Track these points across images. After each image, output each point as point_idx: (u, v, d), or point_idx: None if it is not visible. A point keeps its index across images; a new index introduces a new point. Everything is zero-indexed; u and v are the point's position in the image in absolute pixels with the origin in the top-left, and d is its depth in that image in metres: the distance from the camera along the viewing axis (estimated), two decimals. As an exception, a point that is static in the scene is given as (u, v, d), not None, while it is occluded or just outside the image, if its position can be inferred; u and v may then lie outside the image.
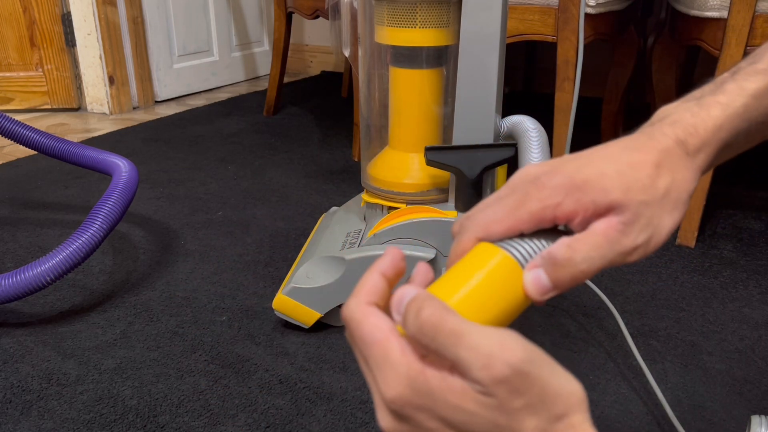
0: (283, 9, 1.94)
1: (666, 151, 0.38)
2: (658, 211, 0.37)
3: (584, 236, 0.37)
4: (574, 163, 0.38)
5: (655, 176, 0.37)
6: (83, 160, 1.17)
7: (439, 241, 0.88)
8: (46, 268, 0.88)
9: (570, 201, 0.36)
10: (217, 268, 1.11)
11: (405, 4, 0.84)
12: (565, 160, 0.38)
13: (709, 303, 1.00)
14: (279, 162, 1.65)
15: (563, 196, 0.36)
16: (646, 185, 0.37)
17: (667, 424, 0.74)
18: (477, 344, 0.31)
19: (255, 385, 0.81)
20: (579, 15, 1.17)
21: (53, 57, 2.12)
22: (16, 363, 0.86)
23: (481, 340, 0.31)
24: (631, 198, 0.36)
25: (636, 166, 0.37)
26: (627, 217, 0.37)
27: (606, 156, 0.38)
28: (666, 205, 0.38)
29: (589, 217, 0.37)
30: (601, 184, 0.36)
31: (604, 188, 0.36)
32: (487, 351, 0.31)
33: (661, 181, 0.37)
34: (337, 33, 1.22)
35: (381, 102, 0.97)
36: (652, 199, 0.37)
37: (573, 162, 0.38)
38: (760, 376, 0.83)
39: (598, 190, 0.36)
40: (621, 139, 0.40)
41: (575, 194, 0.36)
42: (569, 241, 0.36)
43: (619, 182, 0.37)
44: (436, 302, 0.33)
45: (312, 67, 2.87)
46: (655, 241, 0.38)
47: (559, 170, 0.37)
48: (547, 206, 0.37)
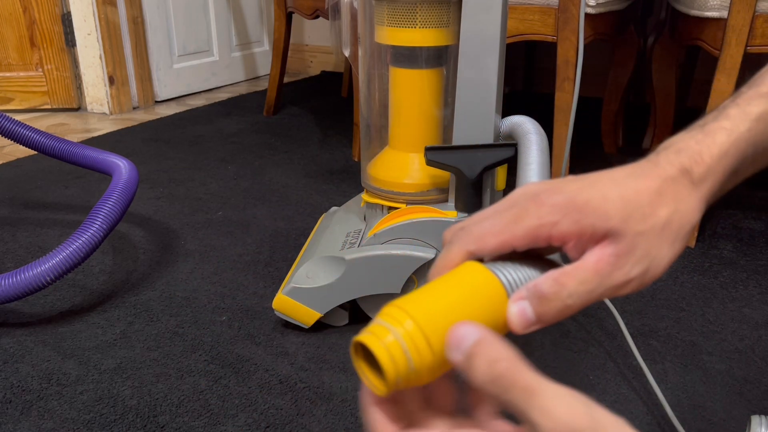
0: (283, 9, 1.94)
1: (670, 179, 0.37)
2: (656, 243, 0.36)
3: (573, 270, 0.36)
4: (577, 184, 0.37)
5: (657, 204, 0.36)
6: (83, 160, 1.17)
7: (439, 241, 0.88)
8: (46, 268, 0.88)
9: (568, 221, 0.35)
10: (217, 268, 1.11)
11: (405, 4, 0.84)
12: (569, 180, 0.38)
13: (709, 303, 1.00)
14: (279, 162, 1.65)
15: (562, 215, 0.35)
16: (647, 214, 0.36)
17: (667, 424, 0.74)
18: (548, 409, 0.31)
19: (255, 385, 0.81)
20: (579, 15, 1.17)
21: (53, 57, 2.12)
22: (16, 363, 0.86)
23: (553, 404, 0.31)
24: (629, 227, 0.35)
25: (639, 192, 0.36)
26: (622, 247, 0.35)
27: (610, 180, 0.37)
28: (666, 237, 0.36)
29: (585, 241, 0.36)
30: (603, 208, 0.35)
31: (605, 212, 0.35)
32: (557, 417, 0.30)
33: (662, 211, 0.36)
34: (337, 33, 1.22)
35: (381, 102, 0.97)
36: (651, 230, 0.36)
37: (576, 183, 0.37)
38: (760, 376, 0.83)
39: (599, 214, 0.35)
40: (626, 166, 0.39)
41: (574, 215, 0.35)
42: (557, 275, 0.35)
43: (621, 208, 0.35)
44: (509, 353, 0.32)
45: (312, 67, 2.87)
46: (651, 274, 0.36)
47: (560, 189, 0.36)
48: (544, 224, 0.35)
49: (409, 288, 0.89)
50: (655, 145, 1.62)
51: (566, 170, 1.14)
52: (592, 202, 0.35)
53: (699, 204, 0.38)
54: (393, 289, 0.88)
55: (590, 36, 1.27)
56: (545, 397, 0.31)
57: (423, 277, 0.89)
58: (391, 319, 0.34)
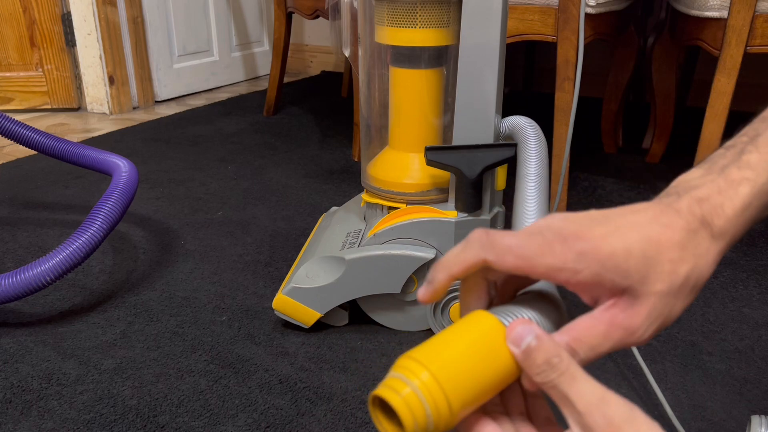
0: (283, 9, 1.94)
1: (692, 232, 0.37)
2: (673, 301, 0.37)
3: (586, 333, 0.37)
4: (601, 229, 0.37)
5: (678, 262, 0.36)
6: (83, 160, 1.17)
7: (439, 241, 0.88)
8: (46, 268, 0.88)
9: (589, 273, 0.36)
10: (217, 268, 1.11)
11: (405, 4, 0.84)
12: (593, 221, 0.37)
13: (709, 303, 1.00)
14: (279, 162, 1.65)
15: (584, 266, 0.35)
16: (668, 271, 0.36)
17: (667, 424, 0.74)
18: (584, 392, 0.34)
19: (255, 385, 0.81)
20: (579, 15, 1.17)
21: (53, 57, 2.12)
22: (16, 363, 0.86)
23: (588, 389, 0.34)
24: (648, 288, 0.36)
25: (661, 245, 0.36)
26: (638, 308, 0.36)
27: (633, 227, 0.37)
28: (682, 293, 0.37)
29: (601, 292, 0.37)
30: (624, 266, 0.36)
31: (626, 270, 0.36)
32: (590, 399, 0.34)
33: (682, 269, 0.36)
34: (337, 33, 1.22)
35: (381, 102, 0.97)
36: (669, 289, 0.36)
37: (601, 227, 0.37)
38: (760, 376, 0.83)
39: (621, 271, 0.36)
40: (649, 207, 0.38)
41: (596, 268, 0.36)
42: (570, 340, 0.37)
43: (642, 266, 0.36)
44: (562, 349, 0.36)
45: (312, 67, 2.87)
46: (662, 327, 0.37)
47: (586, 235, 0.36)
48: (567, 270, 0.36)
49: (409, 288, 0.89)
50: (655, 145, 1.62)
51: (566, 170, 1.14)
52: (615, 258, 0.36)
53: (716, 258, 0.38)
54: (393, 289, 0.88)
55: (590, 36, 1.27)
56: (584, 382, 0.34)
57: (423, 277, 0.89)
58: (407, 371, 0.35)
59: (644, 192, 1.44)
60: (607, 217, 0.38)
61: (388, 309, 0.92)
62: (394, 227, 0.88)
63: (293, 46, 2.82)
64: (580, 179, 1.51)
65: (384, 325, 0.93)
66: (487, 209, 0.88)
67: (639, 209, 0.38)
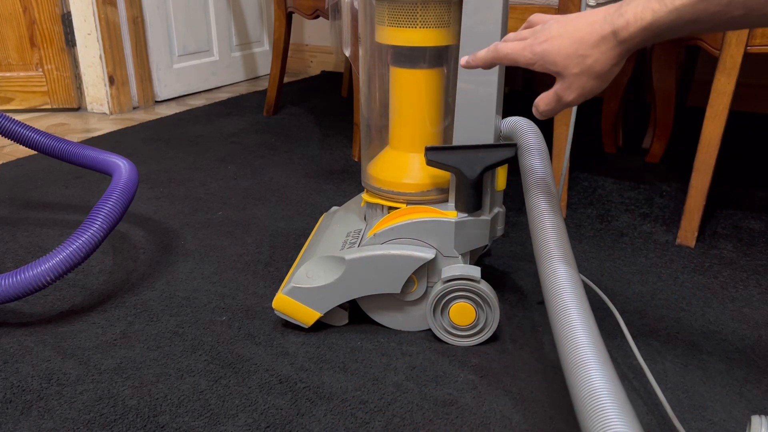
0: (283, 9, 1.94)
1: (603, 38, 0.60)
2: (584, 79, 0.63)
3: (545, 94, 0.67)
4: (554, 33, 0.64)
5: (588, 56, 0.61)
6: (83, 160, 1.18)
7: (439, 241, 0.88)
8: (46, 268, 0.88)
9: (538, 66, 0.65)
10: (217, 268, 1.11)
11: (406, 4, 0.84)
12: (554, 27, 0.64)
13: (709, 303, 1.00)
14: (279, 162, 1.65)
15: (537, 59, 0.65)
16: (579, 63, 0.62)
17: (667, 424, 0.74)
18: None
19: (255, 385, 0.81)
20: (579, 15, 1.17)
21: (53, 57, 2.12)
22: (16, 363, 0.86)
23: None
24: (569, 72, 0.63)
25: (581, 44, 0.61)
26: (564, 82, 0.64)
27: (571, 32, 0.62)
28: (589, 76, 0.62)
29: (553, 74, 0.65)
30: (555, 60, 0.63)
31: (556, 63, 0.63)
32: None
33: (589, 60, 0.61)
34: (338, 33, 1.22)
35: (381, 102, 0.97)
36: (581, 72, 0.62)
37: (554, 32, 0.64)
38: (760, 376, 0.83)
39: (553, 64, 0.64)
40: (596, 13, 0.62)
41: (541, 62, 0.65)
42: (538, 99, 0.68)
43: (565, 60, 0.62)
44: None
45: (312, 67, 2.87)
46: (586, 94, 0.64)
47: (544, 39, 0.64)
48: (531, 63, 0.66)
49: (409, 288, 0.89)
50: (655, 145, 1.62)
51: (566, 171, 1.14)
52: (551, 56, 0.63)
53: (617, 56, 0.61)
54: (393, 289, 0.88)
55: (590, 36, 1.27)
56: None
57: (423, 277, 0.89)
58: None
59: (644, 192, 1.44)
60: (564, 24, 0.63)
61: (388, 309, 0.92)
62: (394, 227, 0.88)
63: (293, 46, 2.82)
64: (580, 179, 1.51)
65: (384, 325, 0.93)
66: (488, 209, 0.88)
67: (588, 15, 0.62)
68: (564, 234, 0.76)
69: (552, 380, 0.82)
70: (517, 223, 1.28)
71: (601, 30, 0.60)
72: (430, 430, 0.74)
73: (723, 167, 1.53)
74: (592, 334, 0.64)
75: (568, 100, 0.65)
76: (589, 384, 0.57)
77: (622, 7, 0.60)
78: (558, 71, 0.64)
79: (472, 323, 0.88)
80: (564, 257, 0.73)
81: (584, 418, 0.55)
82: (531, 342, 0.91)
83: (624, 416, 0.53)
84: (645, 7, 0.58)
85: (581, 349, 0.61)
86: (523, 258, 1.15)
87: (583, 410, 0.56)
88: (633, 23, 0.58)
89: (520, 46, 0.66)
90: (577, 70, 0.62)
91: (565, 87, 0.64)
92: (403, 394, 0.80)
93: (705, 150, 1.13)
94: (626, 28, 0.59)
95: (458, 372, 0.84)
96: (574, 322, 0.65)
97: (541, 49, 0.64)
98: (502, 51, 0.68)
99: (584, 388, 0.57)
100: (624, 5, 0.60)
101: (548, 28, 0.64)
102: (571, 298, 0.68)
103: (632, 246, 1.19)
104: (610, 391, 0.56)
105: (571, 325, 0.65)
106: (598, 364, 0.59)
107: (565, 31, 0.63)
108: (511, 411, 0.77)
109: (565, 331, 0.64)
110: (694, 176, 1.16)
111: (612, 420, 0.53)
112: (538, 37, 0.65)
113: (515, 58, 0.67)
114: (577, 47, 0.61)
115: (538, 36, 0.65)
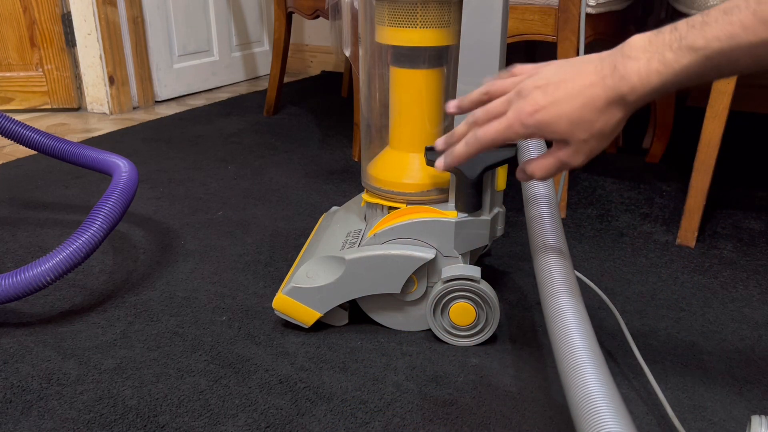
0: (283, 9, 1.94)
1: (610, 102, 0.57)
2: (592, 143, 0.60)
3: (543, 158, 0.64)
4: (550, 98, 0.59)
5: (595, 121, 0.58)
6: (83, 160, 1.17)
7: (439, 241, 0.88)
8: (46, 268, 0.88)
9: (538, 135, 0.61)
10: (217, 268, 1.11)
11: (406, 4, 0.84)
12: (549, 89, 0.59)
13: (709, 303, 1.00)
14: (279, 162, 1.65)
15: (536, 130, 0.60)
16: (587, 128, 0.58)
17: (667, 424, 0.74)
18: None
19: (255, 385, 0.81)
20: (579, 15, 1.17)
21: (53, 57, 2.12)
22: (16, 363, 0.86)
23: None
24: (575, 138, 0.59)
25: (586, 110, 0.58)
26: (569, 148, 0.61)
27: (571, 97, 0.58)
28: (596, 139, 0.59)
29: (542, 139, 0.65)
30: (559, 129, 0.59)
31: (559, 132, 0.59)
32: None
33: (597, 126, 0.58)
34: (338, 33, 1.22)
35: (381, 102, 0.97)
36: (589, 137, 0.59)
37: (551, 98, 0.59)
38: (760, 376, 0.83)
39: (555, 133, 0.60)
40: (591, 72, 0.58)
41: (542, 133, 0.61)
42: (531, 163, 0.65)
43: (569, 127, 0.59)
44: None
45: (312, 67, 2.87)
46: (589, 157, 0.61)
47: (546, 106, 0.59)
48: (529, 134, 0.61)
49: (409, 288, 0.89)
50: (655, 145, 1.62)
51: (566, 171, 1.13)
52: (550, 125, 0.59)
53: (625, 117, 0.58)
54: (393, 289, 0.88)
55: (590, 36, 1.27)
56: None
57: (423, 277, 0.89)
58: None
59: (644, 192, 1.44)
60: (549, 92, 0.59)
61: (388, 309, 0.92)
62: (394, 227, 0.88)
63: (293, 46, 2.82)
64: (581, 179, 1.51)
65: (384, 325, 0.93)
66: (488, 209, 0.88)
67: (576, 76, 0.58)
68: (561, 234, 0.76)
69: (552, 380, 0.82)
70: (517, 223, 1.28)
71: (606, 95, 0.57)
72: (430, 430, 0.74)
73: (723, 167, 1.53)
74: (588, 336, 0.64)
75: (575, 164, 0.61)
76: (585, 387, 0.57)
77: (619, 69, 0.56)
78: (563, 138, 0.60)
79: (472, 323, 0.88)
80: (560, 259, 0.73)
81: (580, 422, 0.56)
82: (531, 342, 0.91)
83: (619, 419, 0.53)
84: (648, 69, 0.55)
85: (577, 353, 0.61)
86: (523, 258, 1.15)
87: (579, 414, 0.56)
88: (640, 87, 0.55)
89: (505, 124, 0.61)
90: (586, 136, 0.59)
91: (571, 153, 0.60)
92: (403, 394, 0.80)
93: (705, 150, 1.13)
94: (633, 92, 0.56)
95: (458, 372, 0.84)
96: (569, 325, 0.65)
97: (534, 120, 0.59)
98: (487, 137, 0.63)
99: (580, 391, 0.57)
100: (619, 66, 0.56)
101: (530, 97, 0.60)
102: (566, 299, 0.68)
103: (632, 246, 1.19)
104: (605, 394, 0.56)
105: (566, 328, 0.65)
106: (593, 368, 0.59)
107: (556, 99, 0.58)
108: (511, 411, 0.77)
109: (561, 334, 0.64)
110: (694, 176, 1.16)
111: (607, 422, 0.53)
112: (523, 107, 0.60)
113: (505, 138, 0.62)
114: (582, 113, 0.58)
115: (523, 106, 0.60)
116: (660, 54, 0.54)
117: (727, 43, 0.51)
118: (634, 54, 0.56)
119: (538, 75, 0.61)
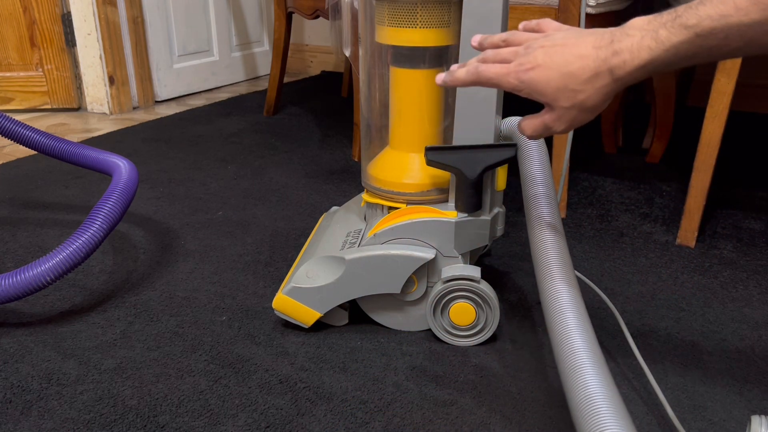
0: (283, 9, 1.94)
1: (598, 75, 0.59)
2: (574, 112, 0.62)
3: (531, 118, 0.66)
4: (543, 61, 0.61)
5: (579, 91, 0.60)
6: (83, 160, 1.18)
7: (439, 241, 0.88)
8: (46, 268, 0.88)
9: (526, 93, 0.63)
10: (217, 268, 1.11)
11: (406, 4, 0.84)
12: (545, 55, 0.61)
13: (709, 303, 1.00)
14: (279, 162, 1.65)
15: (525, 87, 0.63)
16: (570, 97, 0.61)
17: (667, 424, 0.74)
18: None
19: (255, 385, 0.81)
20: (579, 15, 1.17)
21: (53, 57, 2.12)
22: (16, 363, 0.86)
23: None
24: (558, 104, 0.62)
25: (572, 78, 0.60)
26: (553, 113, 0.63)
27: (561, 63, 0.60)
28: (578, 109, 0.61)
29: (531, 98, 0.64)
30: (545, 91, 0.61)
31: (545, 94, 0.62)
32: None
33: (580, 96, 0.60)
34: (338, 33, 1.22)
35: (381, 102, 0.97)
36: (571, 106, 0.61)
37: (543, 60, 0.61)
38: (760, 376, 0.83)
39: (542, 95, 0.62)
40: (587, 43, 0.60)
41: (530, 92, 0.63)
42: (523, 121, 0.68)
43: (554, 92, 0.61)
44: None
45: (312, 67, 2.87)
46: (571, 126, 0.63)
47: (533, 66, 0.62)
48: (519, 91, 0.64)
49: (409, 288, 0.89)
50: (655, 145, 1.62)
51: (566, 171, 1.14)
52: (539, 86, 0.61)
53: (610, 92, 0.60)
54: (393, 289, 0.88)
55: (590, 36, 1.27)
56: None
57: (423, 277, 0.89)
58: None
59: (644, 192, 1.44)
60: (550, 53, 0.61)
61: (388, 309, 0.92)
62: (394, 227, 0.88)
63: (293, 46, 2.82)
64: (580, 179, 1.51)
65: (384, 325, 0.93)
66: (487, 209, 0.88)
67: (575, 45, 0.60)
68: (561, 235, 0.76)
69: (552, 380, 0.82)
70: (517, 223, 1.28)
71: (595, 66, 0.58)
72: (430, 430, 0.74)
73: (723, 167, 1.53)
74: (588, 337, 0.64)
75: (557, 130, 0.64)
76: (586, 388, 0.57)
77: (614, 43, 0.58)
78: (547, 102, 0.62)
79: (472, 323, 0.88)
80: (561, 260, 0.73)
81: (580, 422, 0.56)
82: (531, 342, 0.91)
83: (619, 420, 0.53)
84: (640, 45, 0.57)
85: (577, 354, 0.61)
86: (523, 258, 1.15)
87: (579, 414, 0.56)
88: (629, 62, 0.57)
89: (504, 71, 0.64)
90: (568, 104, 0.61)
91: (554, 118, 0.63)
92: (403, 394, 0.80)
93: (705, 150, 1.13)
94: (622, 66, 0.57)
95: (458, 372, 0.84)
96: (570, 326, 0.65)
97: (527, 77, 0.62)
98: (485, 74, 0.66)
99: (580, 392, 0.57)
100: (615, 41, 0.58)
101: (533, 54, 0.62)
102: (566, 299, 0.68)
103: (632, 246, 1.19)
104: (605, 395, 0.56)
105: (567, 328, 0.65)
106: (594, 369, 0.59)
107: (552, 62, 0.60)
108: (511, 411, 0.77)
109: (562, 335, 0.65)
110: (694, 176, 1.16)
111: (607, 423, 0.53)
112: (523, 62, 0.62)
113: (499, 83, 0.64)
114: (568, 81, 0.60)
115: (523, 61, 0.62)
116: (654, 32, 0.56)
117: (719, 22, 0.52)
118: (631, 32, 0.58)
119: (551, 36, 0.63)
